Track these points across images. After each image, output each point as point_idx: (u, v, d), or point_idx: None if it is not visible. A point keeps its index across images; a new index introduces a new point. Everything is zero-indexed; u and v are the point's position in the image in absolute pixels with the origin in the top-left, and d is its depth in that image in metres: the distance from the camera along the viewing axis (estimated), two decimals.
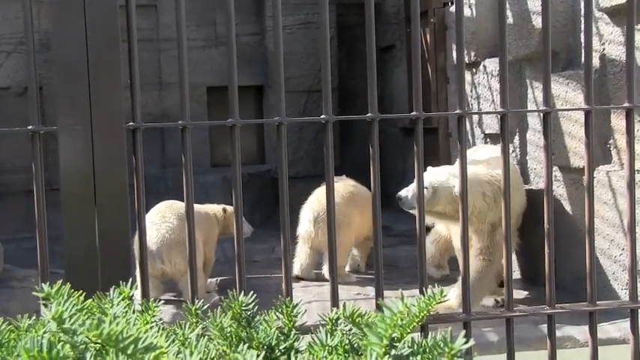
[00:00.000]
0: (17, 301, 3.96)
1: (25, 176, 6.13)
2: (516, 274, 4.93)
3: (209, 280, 5.03)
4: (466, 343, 0.97)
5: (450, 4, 6.16)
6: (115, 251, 1.98)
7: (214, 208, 5.06)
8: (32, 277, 4.60)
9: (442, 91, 6.48)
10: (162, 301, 1.49)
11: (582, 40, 4.27)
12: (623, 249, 3.94)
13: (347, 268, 5.35)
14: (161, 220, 4.61)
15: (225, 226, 5.03)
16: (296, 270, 5.17)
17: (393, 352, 1.02)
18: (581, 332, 3.52)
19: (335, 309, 1.40)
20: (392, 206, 4.68)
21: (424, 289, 2.12)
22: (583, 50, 2.31)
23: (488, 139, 5.52)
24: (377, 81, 2.15)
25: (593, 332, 2.24)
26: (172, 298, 4.74)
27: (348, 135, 8.10)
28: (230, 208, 5.08)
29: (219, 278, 5.16)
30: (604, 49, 4.07)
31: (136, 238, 2.11)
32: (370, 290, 4.82)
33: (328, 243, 2.10)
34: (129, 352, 0.92)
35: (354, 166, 6.34)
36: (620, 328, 3.45)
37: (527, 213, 4.60)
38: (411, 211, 4.32)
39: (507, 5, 2.47)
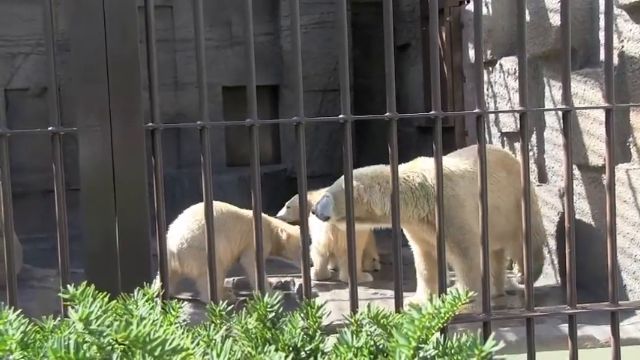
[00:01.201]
0: (38, 301, 4.00)
1: (43, 176, 6.18)
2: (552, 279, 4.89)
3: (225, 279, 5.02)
4: (496, 345, 0.96)
5: (465, 2, 6.13)
6: (135, 252, 1.98)
7: (274, 223, 4.88)
8: (51, 276, 4.64)
9: (458, 90, 6.46)
10: (187, 302, 1.50)
11: (601, 38, 4.24)
12: None
13: (362, 268, 5.34)
14: (180, 221, 4.61)
15: (280, 247, 4.88)
16: (312, 275, 5.14)
17: (421, 353, 1.01)
18: (600, 332, 3.49)
19: (360, 310, 1.39)
20: None
21: (444, 289, 2.11)
22: (603, 48, 2.29)
23: (505, 138, 5.49)
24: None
25: (615, 332, 2.22)
26: (189, 297, 4.75)
27: (364, 134, 8.09)
28: (294, 235, 4.85)
29: (235, 278, 5.16)
30: (623, 47, 4.03)
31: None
32: (387, 290, 4.82)
33: (347, 244, 2.10)
34: (156, 354, 0.92)
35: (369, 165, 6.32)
36: None
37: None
38: (327, 222, 4.31)
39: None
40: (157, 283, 1.70)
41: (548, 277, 4.90)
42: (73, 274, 2.01)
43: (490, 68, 5.52)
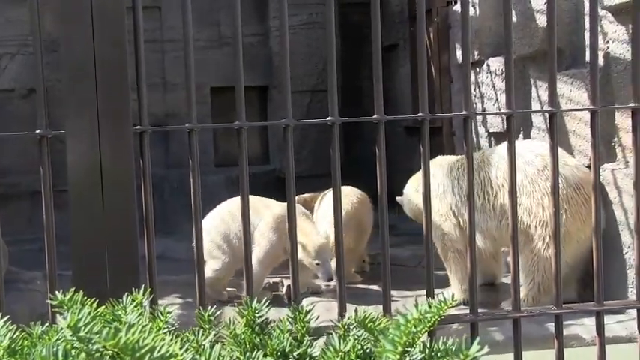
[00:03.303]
0: (24, 304, 3.97)
1: (30, 178, 6.13)
2: None
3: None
4: (481, 348, 0.97)
5: (453, 3, 6.15)
6: (124, 255, 1.98)
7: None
8: (38, 278, 4.61)
9: (445, 91, 6.48)
10: (177, 306, 1.50)
11: (586, 39, 4.26)
12: (629, 247, 3.93)
13: (353, 269, 5.34)
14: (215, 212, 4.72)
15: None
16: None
17: (407, 357, 1.02)
18: (586, 331, 3.52)
19: (348, 314, 1.40)
20: (397, 205, 4.73)
21: (432, 291, 2.12)
22: (588, 50, 2.31)
23: (492, 138, 5.51)
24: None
25: (600, 332, 2.24)
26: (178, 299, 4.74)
27: (352, 134, 8.10)
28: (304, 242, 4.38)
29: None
30: (608, 48, 4.06)
31: None
32: (375, 289, 4.82)
33: (335, 245, 2.10)
34: None
35: (357, 165, 6.34)
36: (626, 326, 3.45)
37: None
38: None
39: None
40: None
41: None
42: (60, 277, 2.01)
43: (477, 69, 5.55)
